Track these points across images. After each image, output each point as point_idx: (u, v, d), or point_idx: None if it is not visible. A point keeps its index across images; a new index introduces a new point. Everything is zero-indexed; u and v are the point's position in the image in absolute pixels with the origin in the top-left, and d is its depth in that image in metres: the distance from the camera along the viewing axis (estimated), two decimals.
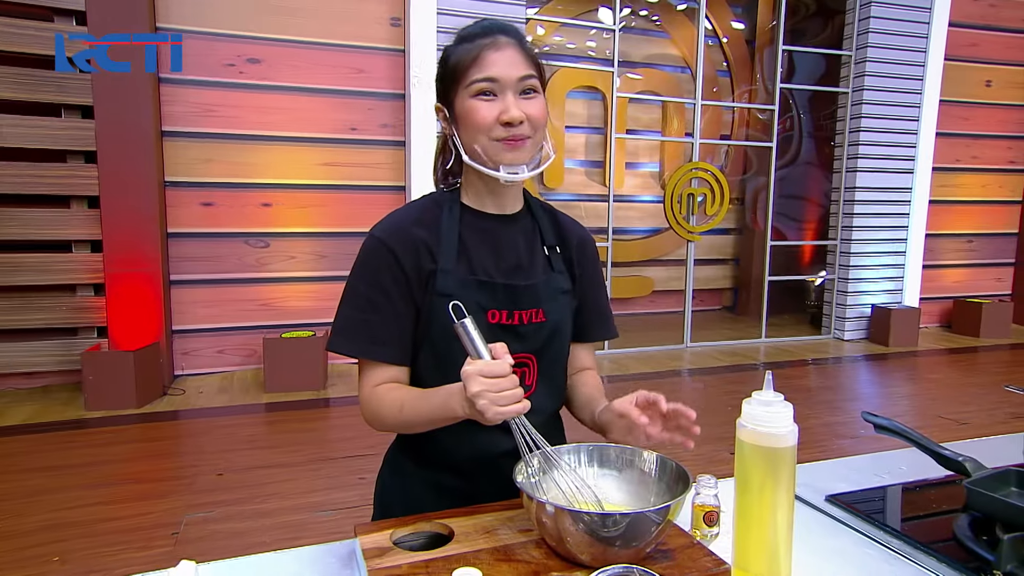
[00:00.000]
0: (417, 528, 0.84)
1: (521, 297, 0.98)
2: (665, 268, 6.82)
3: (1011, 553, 0.83)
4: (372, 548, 0.77)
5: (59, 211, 4.05)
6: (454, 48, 0.96)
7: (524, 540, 0.80)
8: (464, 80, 0.93)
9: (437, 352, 0.97)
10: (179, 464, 3.15)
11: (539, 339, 1.00)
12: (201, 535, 2.37)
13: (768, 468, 0.75)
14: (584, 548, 0.73)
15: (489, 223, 1.01)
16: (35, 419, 3.63)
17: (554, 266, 1.05)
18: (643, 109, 6.72)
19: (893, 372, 5.02)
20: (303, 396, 4.07)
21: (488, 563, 0.74)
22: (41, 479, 2.86)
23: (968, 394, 4.35)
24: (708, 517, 0.88)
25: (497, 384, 0.77)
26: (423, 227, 0.97)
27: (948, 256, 6.47)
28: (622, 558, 0.73)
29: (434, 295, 0.95)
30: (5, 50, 3.80)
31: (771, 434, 0.75)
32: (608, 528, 0.71)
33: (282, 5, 4.42)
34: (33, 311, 4.04)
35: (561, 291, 1.04)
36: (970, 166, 6.39)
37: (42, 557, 2.22)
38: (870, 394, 4.51)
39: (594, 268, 1.11)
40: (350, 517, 2.51)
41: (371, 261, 0.96)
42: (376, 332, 0.95)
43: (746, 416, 0.76)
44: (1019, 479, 0.98)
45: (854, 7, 5.66)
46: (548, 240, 1.06)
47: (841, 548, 0.90)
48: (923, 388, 4.62)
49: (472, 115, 0.93)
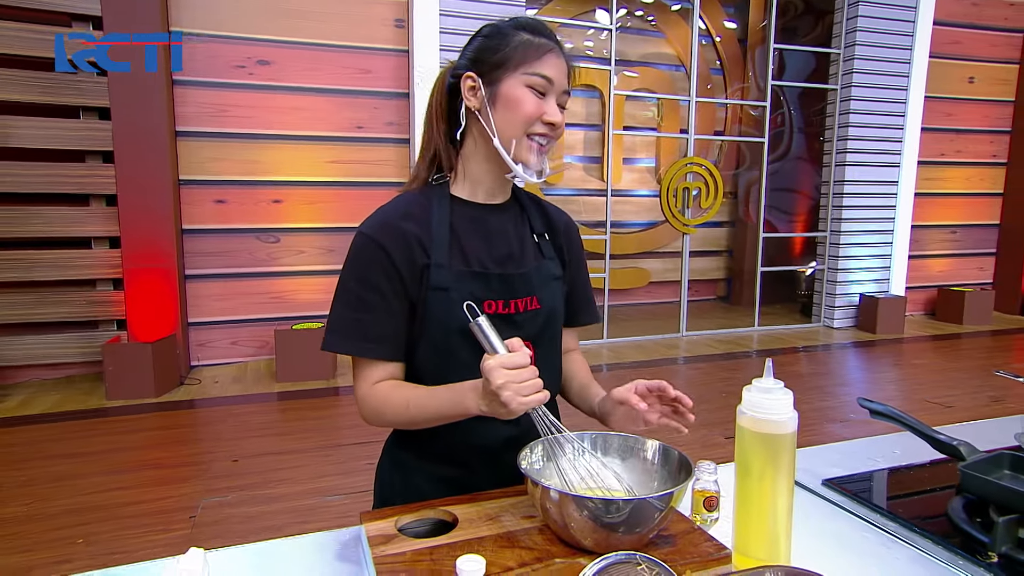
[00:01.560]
0: (421, 515, 0.81)
1: (516, 286, 0.95)
2: (661, 260, 6.78)
3: (1006, 535, 0.80)
4: (377, 535, 0.75)
5: (79, 209, 4.04)
6: (516, 32, 0.91)
7: (527, 526, 0.77)
8: (523, 67, 0.90)
9: (435, 346, 0.92)
10: (196, 451, 3.14)
11: (535, 326, 0.97)
12: (217, 519, 2.36)
13: (768, 454, 0.73)
14: (588, 533, 0.70)
15: (479, 212, 0.98)
16: (59, 408, 3.63)
17: (544, 253, 1.02)
18: (639, 106, 6.67)
19: (880, 358, 4.99)
20: (313, 385, 4.06)
21: (492, 549, 0.71)
22: (65, 465, 2.86)
23: (952, 379, 4.33)
24: (708, 502, 0.85)
25: (520, 375, 0.76)
26: (412, 221, 0.93)
27: (933, 247, 6.44)
28: (625, 543, 0.70)
29: (429, 289, 0.91)
30: (26, 55, 3.78)
31: (771, 421, 0.72)
32: (612, 514, 0.69)
33: (291, 8, 4.38)
34: (55, 305, 4.03)
35: (553, 277, 1.01)
36: (954, 160, 6.36)
37: (68, 539, 2.22)
38: (859, 380, 4.48)
39: (579, 254, 1.10)
40: (359, 501, 2.50)
41: (361, 258, 0.91)
42: (369, 330, 0.91)
43: (746, 403, 0.74)
44: (1012, 462, 0.95)
45: (842, 7, 5.61)
46: (537, 227, 1.03)
47: (838, 531, 0.87)
48: (909, 373, 4.59)
49: (522, 104, 0.90)
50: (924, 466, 1.07)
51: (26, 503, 2.49)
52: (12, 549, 2.17)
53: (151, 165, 4.01)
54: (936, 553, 0.81)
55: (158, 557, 2.26)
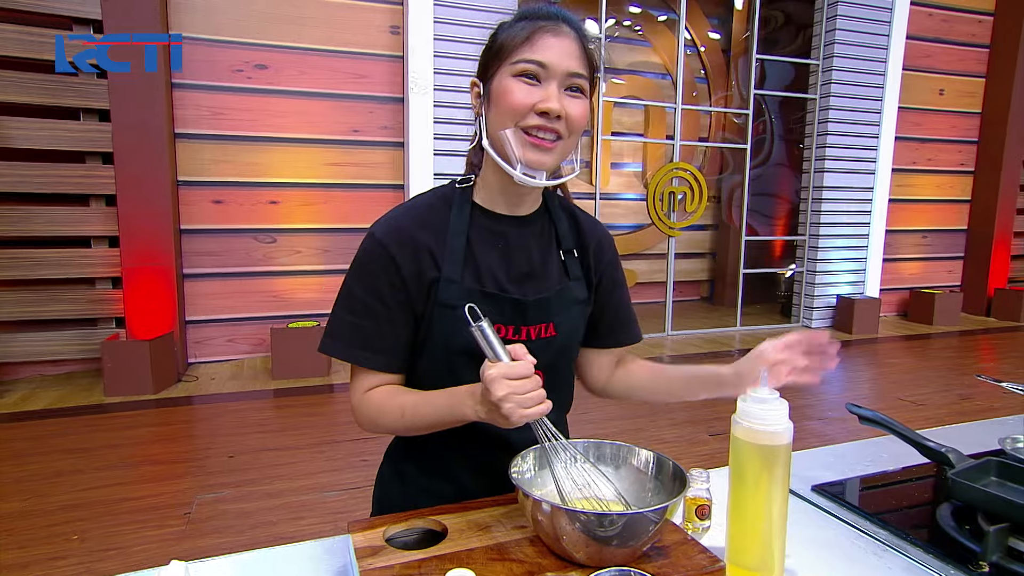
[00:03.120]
0: (411, 525, 0.76)
1: (530, 312, 0.85)
2: (648, 261, 6.76)
3: (996, 544, 0.77)
4: (365, 547, 0.70)
5: (79, 209, 3.96)
6: (510, 24, 0.81)
7: (518, 537, 0.72)
8: (510, 57, 0.78)
9: (436, 364, 0.85)
10: (192, 447, 3.07)
11: (548, 354, 0.86)
12: (212, 515, 2.30)
13: (763, 465, 0.69)
14: (580, 547, 0.66)
15: (501, 226, 0.86)
16: (59, 404, 3.55)
17: (570, 273, 0.90)
18: (627, 113, 6.65)
19: (856, 358, 4.99)
20: (309, 382, 4.00)
21: (482, 562, 0.67)
22: (64, 460, 2.79)
23: (923, 377, 4.34)
24: (700, 511, 0.81)
25: (523, 386, 0.68)
26: (428, 230, 0.83)
27: (905, 250, 6.47)
28: (618, 557, 0.66)
29: (436, 305, 0.82)
30: (28, 57, 3.69)
31: (766, 431, 0.68)
32: (605, 527, 0.64)
33: (288, 14, 4.31)
34: (56, 303, 3.95)
35: (576, 301, 0.90)
36: (925, 168, 6.40)
37: (63, 535, 2.16)
38: (836, 378, 4.47)
39: (613, 270, 0.96)
40: (353, 498, 2.45)
41: (369, 264, 0.82)
42: (369, 339, 0.82)
43: (741, 413, 0.70)
44: (999, 469, 0.92)
45: (821, 20, 5.62)
46: (565, 244, 0.91)
47: (829, 539, 0.84)
48: (883, 372, 4.60)
49: (507, 95, 0.78)
50: (912, 472, 1.03)
51: (24, 499, 2.43)
52: (8, 545, 2.10)
53: (150, 166, 3.93)
54: (927, 562, 0.78)
55: (152, 553, 2.18)
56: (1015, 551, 0.77)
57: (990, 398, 3.81)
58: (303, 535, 2.16)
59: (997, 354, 5.25)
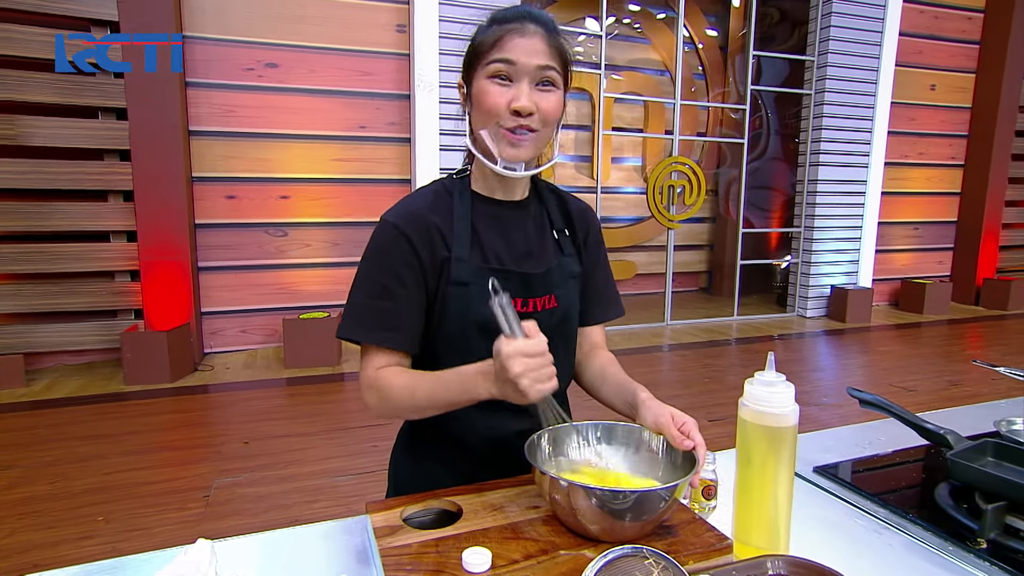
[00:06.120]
0: (427, 505, 0.76)
1: (534, 284, 0.88)
2: (647, 253, 6.75)
3: (994, 522, 0.77)
4: (383, 527, 0.70)
5: (97, 204, 3.96)
6: (484, 27, 0.84)
7: (532, 517, 0.72)
8: (484, 59, 0.81)
9: (452, 340, 0.85)
10: (209, 433, 3.08)
11: (551, 325, 0.88)
12: (230, 498, 2.32)
13: (769, 446, 0.69)
14: (595, 520, 0.66)
15: (499, 210, 0.90)
16: (81, 392, 3.57)
17: (564, 250, 0.94)
18: (627, 108, 6.60)
19: (850, 345, 4.98)
20: (320, 371, 4.00)
21: (497, 541, 0.67)
22: (87, 446, 2.81)
23: (914, 364, 4.33)
24: (706, 491, 0.81)
25: (538, 363, 0.69)
26: (437, 214, 0.85)
27: (897, 242, 6.44)
28: (628, 531, 0.66)
29: (448, 283, 0.84)
30: (49, 59, 3.65)
31: (773, 413, 0.68)
32: (619, 503, 0.64)
33: (297, 14, 4.29)
34: (76, 295, 3.96)
35: (571, 275, 0.93)
36: (917, 161, 6.36)
37: (89, 517, 2.18)
38: (830, 365, 4.47)
39: (598, 248, 1.00)
40: (364, 482, 2.46)
41: (385, 247, 0.83)
42: (388, 319, 0.83)
43: (748, 396, 0.69)
44: (995, 450, 0.92)
45: (816, 17, 5.57)
46: (557, 224, 0.95)
47: (830, 518, 0.83)
48: (876, 359, 4.59)
49: (484, 98, 0.81)
50: (911, 453, 1.03)
51: (51, 482, 2.44)
52: (39, 525, 2.12)
53: (166, 163, 3.93)
54: (927, 539, 0.78)
55: (174, 534, 2.19)
56: (1012, 528, 0.77)
57: (979, 384, 3.81)
58: (317, 518, 2.17)
59: (985, 342, 5.23)
